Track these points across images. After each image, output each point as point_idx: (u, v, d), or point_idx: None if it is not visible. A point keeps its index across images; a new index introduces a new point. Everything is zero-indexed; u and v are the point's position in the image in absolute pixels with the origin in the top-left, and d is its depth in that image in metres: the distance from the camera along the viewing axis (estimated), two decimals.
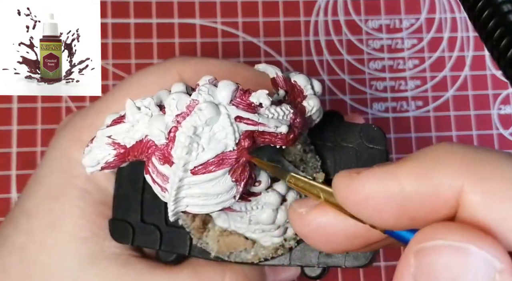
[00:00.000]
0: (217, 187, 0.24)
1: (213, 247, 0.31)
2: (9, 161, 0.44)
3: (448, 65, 0.48)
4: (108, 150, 0.26)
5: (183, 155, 0.24)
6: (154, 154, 0.25)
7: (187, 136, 0.24)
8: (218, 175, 0.24)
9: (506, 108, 0.47)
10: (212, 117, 0.24)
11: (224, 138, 0.24)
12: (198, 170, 0.24)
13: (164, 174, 0.25)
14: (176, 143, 0.24)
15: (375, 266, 0.43)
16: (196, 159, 0.24)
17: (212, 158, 0.24)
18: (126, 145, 0.25)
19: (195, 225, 0.31)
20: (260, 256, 0.30)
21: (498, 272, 0.18)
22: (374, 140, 0.31)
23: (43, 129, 0.45)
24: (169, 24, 0.47)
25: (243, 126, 0.24)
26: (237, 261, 0.30)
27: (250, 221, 0.29)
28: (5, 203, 0.43)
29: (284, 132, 0.24)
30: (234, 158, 0.24)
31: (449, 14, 0.49)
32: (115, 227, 0.32)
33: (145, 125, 0.25)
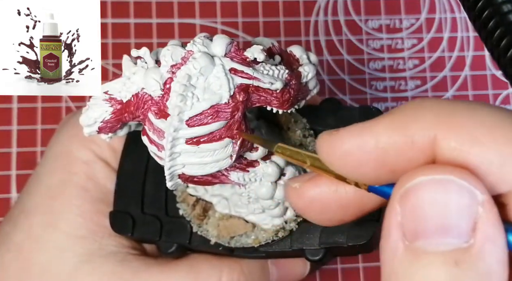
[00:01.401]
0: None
1: (213, 233, 0.30)
2: (9, 161, 0.44)
3: (448, 65, 0.48)
4: (105, 107, 0.26)
5: (178, 103, 0.24)
6: (150, 109, 0.25)
7: (182, 84, 0.24)
8: (213, 129, 0.24)
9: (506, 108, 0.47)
10: (206, 65, 0.24)
11: (219, 89, 0.24)
12: (193, 122, 0.24)
13: (160, 129, 0.25)
14: (171, 93, 0.24)
15: (374, 266, 0.43)
16: (191, 109, 0.24)
17: (207, 109, 0.24)
18: (123, 99, 0.25)
19: (195, 213, 0.31)
20: (260, 240, 0.30)
21: (481, 205, 0.18)
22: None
23: (43, 129, 0.45)
24: (169, 24, 0.47)
25: (238, 79, 0.24)
26: (237, 246, 0.30)
27: (250, 198, 0.29)
28: (5, 203, 0.43)
29: (279, 88, 0.24)
30: (229, 112, 0.24)
31: (449, 14, 0.49)
32: (116, 219, 0.32)
33: (141, 76, 0.25)
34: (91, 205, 0.32)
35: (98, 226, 0.32)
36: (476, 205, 0.18)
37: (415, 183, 0.19)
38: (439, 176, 0.18)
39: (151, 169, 0.32)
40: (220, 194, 0.31)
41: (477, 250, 0.18)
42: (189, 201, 0.31)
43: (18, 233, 0.32)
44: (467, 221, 0.18)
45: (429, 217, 0.18)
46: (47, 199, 0.33)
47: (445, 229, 0.18)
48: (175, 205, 0.31)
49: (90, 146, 0.33)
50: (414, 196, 0.18)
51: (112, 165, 0.34)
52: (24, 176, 0.44)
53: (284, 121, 0.31)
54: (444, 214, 0.18)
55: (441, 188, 0.18)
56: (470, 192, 0.18)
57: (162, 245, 0.31)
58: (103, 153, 0.34)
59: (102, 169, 0.33)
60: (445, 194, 0.18)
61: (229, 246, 0.30)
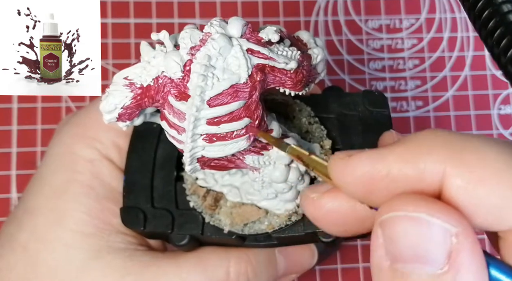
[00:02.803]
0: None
1: (226, 222, 0.31)
2: (9, 161, 0.44)
3: (448, 65, 0.48)
4: (125, 93, 0.26)
5: (199, 83, 0.24)
6: (170, 93, 0.25)
7: (202, 64, 0.24)
8: (233, 108, 0.25)
9: (506, 108, 0.47)
10: (225, 46, 0.24)
11: (237, 69, 0.25)
12: (214, 101, 0.25)
13: (180, 112, 0.25)
14: (192, 74, 0.24)
15: None
16: (212, 89, 0.25)
17: (227, 89, 0.25)
18: (143, 84, 0.26)
19: (206, 204, 0.31)
20: (274, 225, 0.30)
21: (454, 236, 0.19)
22: (376, 103, 0.32)
23: (43, 129, 0.45)
24: (169, 24, 0.47)
25: (255, 59, 0.25)
26: (251, 233, 0.30)
27: (263, 183, 0.29)
28: (5, 203, 0.43)
29: (294, 67, 0.25)
30: (247, 91, 0.25)
31: (449, 14, 0.49)
32: (127, 214, 0.32)
33: (161, 59, 0.25)
34: (97, 203, 0.32)
35: (105, 223, 0.32)
36: (449, 237, 0.19)
37: (390, 216, 0.20)
38: (412, 214, 0.20)
39: (159, 165, 0.32)
40: (230, 184, 0.31)
41: (451, 276, 0.19)
42: (199, 192, 0.31)
43: (22, 233, 0.32)
44: (441, 250, 0.19)
45: (404, 247, 0.20)
46: (52, 199, 0.33)
47: (419, 257, 0.19)
48: (185, 198, 0.32)
49: (94, 145, 0.33)
50: (390, 227, 0.20)
51: (117, 164, 0.34)
52: (24, 176, 0.44)
53: (290, 110, 0.32)
54: (417, 245, 0.19)
55: (413, 223, 0.20)
56: (441, 226, 0.19)
57: (174, 238, 0.31)
58: (107, 151, 0.34)
59: (107, 167, 0.33)
60: (417, 229, 0.19)
61: (242, 234, 0.31)
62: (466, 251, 0.19)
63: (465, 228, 0.19)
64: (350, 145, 0.31)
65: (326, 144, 0.31)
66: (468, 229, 0.19)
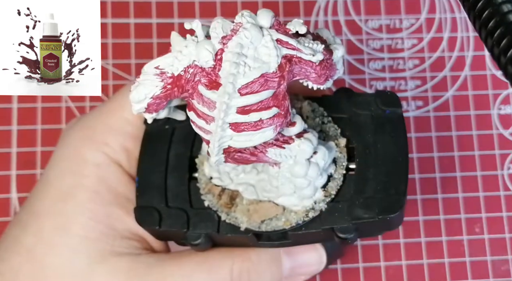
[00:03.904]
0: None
1: (243, 219, 0.31)
2: (9, 161, 0.44)
3: (448, 65, 0.48)
4: (156, 82, 0.27)
5: (232, 70, 0.25)
6: (201, 82, 0.26)
7: (235, 52, 0.25)
8: (263, 97, 0.25)
9: (506, 108, 0.47)
10: (256, 35, 0.25)
11: (267, 59, 0.25)
12: (245, 90, 0.25)
13: (210, 101, 0.26)
14: (223, 63, 0.25)
15: (374, 266, 0.43)
16: (244, 77, 0.25)
17: (258, 78, 0.25)
18: (174, 73, 0.26)
19: (222, 202, 0.31)
20: (291, 221, 0.30)
21: None
22: (389, 103, 0.32)
23: (43, 129, 0.45)
24: (169, 24, 0.47)
25: (284, 49, 0.26)
26: (268, 230, 0.30)
27: (283, 178, 0.29)
28: (5, 203, 0.43)
29: (320, 59, 0.26)
30: (276, 81, 0.26)
31: (449, 14, 0.49)
32: (141, 213, 0.32)
33: (193, 48, 0.26)
34: (103, 208, 0.32)
35: (110, 229, 0.32)
36: None
37: None
38: None
39: (171, 166, 0.32)
40: (246, 182, 0.31)
41: None
42: (214, 191, 0.31)
43: (28, 236, 0.32)
44: None
45: None
46: (58, 202, 0.33)
47: None
48: (200, 198, 0.32)
49: (102, 149, 0.33)
50: None
51: (125, 167, 0.34)
52: (24, 176, 0.44)
53: (303, 111, 0.32)
54: None
55: None
56: None
57: (190, 236, 0.31)
58: (116, 155, 0.33)
59: (114, 172, 0.33)
60: None
61: (259, 231, 0.31)
62: None
63: None
64: (363, 143, 0.31)
65: (341, 142, 0.31)
66: None
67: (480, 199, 0.45)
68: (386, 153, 0.31)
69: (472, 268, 0.43)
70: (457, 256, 0.44)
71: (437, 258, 0.43)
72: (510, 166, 0.45)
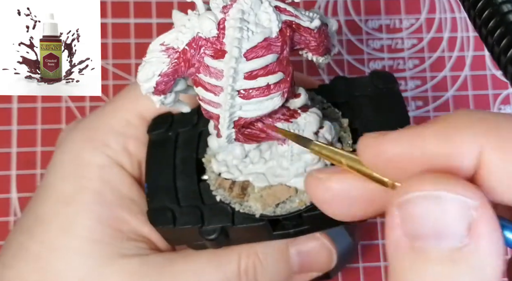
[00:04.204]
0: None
1: (257, 206, 0.31)
2: (9, 161, 0.44)
3: (448, 65, 0.48)
4: (162, 58, 0.27)
5: (236, 35, 0.25)
6: (206, 54, 0.26)
7: (237, 18, 0.25)
8: (268, 61, 0.26)
9: (506, 108, 0.47)
10: (255, 1, 0.26)
11: (268, 24, 0.26)
12: (250, 54, 0.26)
13: (217, 71, 0.26)
14: (227, 30, 0.26)
15: (374, 266, 0.43)
16: (248, 41, 0.26)
17: (261, 42, 0.26)
18: (179, 47, 0.26)
19: (234, 194, 0.31)
20: (305, 201, 0.30)
21: (474, 209, 0.19)
22: (385, 81, 0.32)
23: (43, 129, 0.45)
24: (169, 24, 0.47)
25: (283, 15, 0.26)
26: (283, 213, 0.30)
27: (292, 156, 0.29)
28: (5, 203, 0.43)
29: (317, 25, 0.27)
30: (279, 45, 0.26)
31: (449, 14, 0.49)
32: (154, 214, 0.32)
33: (195, 20, 0.26)
34: (108, 210, 0.32)
35: (116, 231, 0.32)
36: (469, 210, 0.19)
37: (409, 197, 0.20)
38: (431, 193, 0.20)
39: (179, 170, 0.33)
40: (255, 171, 0.31)
41: (471, 248, 0.19)
42: (225, 185, 0.31)
43: (34, 243, 0.32)
44: (461, 225, 0.19)
45: (425, 225, 0.19)
46: (62, 206, 0.32)
47: (440, 234, 0.19)
48: (211, 195, 0.32)
49: (104, 150, 0.33)
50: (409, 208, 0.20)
51: (127, 169, 0.34)
52: (24, 176, 0.44)
53: None
54: (438, 223, 0.19)
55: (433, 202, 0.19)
56: (462, 201, 0.19)
57: (205, 231, 0.31)
58: (117, 157, 0.33)
59: (117, 173, 0.33)
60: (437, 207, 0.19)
61: (274, 216, 0.31)
62: (485, 222, 0.19)
63: (483, 200, 0.19)
64: (365, 122, 0.31)
65: (343, 122, 0.32)
66: (485, 201, 0.19)
67: None
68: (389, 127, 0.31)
69: None
70: None
71: None
72: None
